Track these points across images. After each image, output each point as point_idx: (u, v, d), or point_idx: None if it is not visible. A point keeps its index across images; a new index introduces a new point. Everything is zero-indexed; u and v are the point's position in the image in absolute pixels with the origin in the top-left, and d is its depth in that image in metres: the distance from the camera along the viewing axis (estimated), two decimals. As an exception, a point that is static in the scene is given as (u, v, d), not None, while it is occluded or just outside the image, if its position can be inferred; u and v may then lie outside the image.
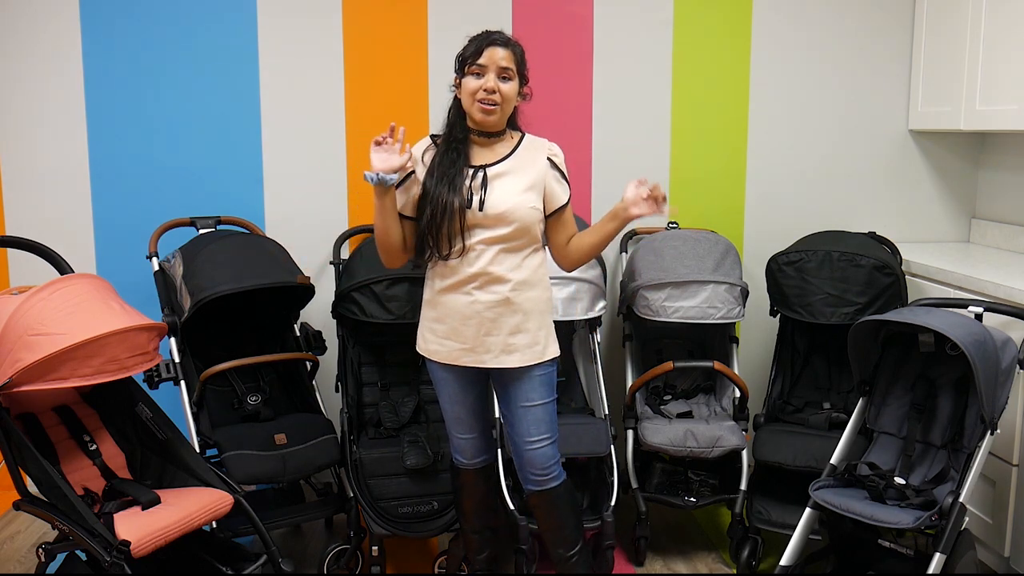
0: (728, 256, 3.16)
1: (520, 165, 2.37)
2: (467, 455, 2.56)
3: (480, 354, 2.38)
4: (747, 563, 2.89)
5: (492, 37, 2.32)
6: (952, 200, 3.76)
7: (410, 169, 2.38)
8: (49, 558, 2.37)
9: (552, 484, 2.45)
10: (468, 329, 2.36)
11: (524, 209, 2.32)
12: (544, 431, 2.41)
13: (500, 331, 2.35)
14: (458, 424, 2.52)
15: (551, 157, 2.40)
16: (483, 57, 2.29)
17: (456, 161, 2.34)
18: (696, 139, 3.61)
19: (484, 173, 2.34)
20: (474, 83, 2.30)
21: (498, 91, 2.29)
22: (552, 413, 2.44)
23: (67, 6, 3.30)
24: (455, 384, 2.47)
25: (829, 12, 3.59)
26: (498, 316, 2.34)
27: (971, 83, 3.25)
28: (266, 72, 3.41)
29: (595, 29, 3.52)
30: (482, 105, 2.30)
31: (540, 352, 2.39)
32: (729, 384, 3.17)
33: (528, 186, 2.35)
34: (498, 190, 2.32)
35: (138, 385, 2.62)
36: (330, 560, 2.86)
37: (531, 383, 2.39)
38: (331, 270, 3.31)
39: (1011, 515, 2.72)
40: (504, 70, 2.30)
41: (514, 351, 2.37)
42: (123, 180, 3.40)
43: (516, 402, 2.41)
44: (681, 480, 3.10)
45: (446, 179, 2.31)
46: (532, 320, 2.38)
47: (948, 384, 2.57)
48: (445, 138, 2.39)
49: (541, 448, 2.42)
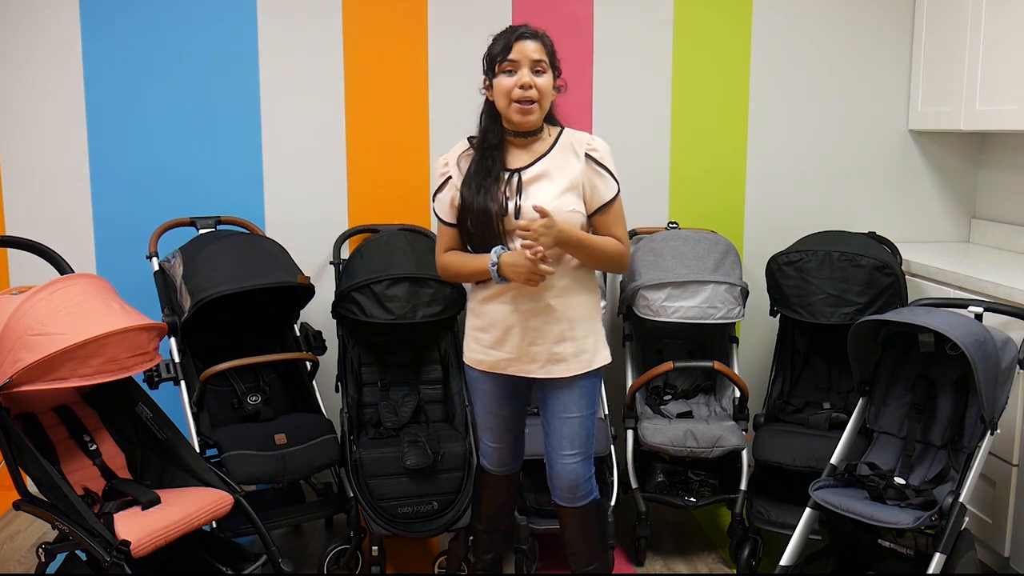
0: (728, 256, 3.16)
1: (556, 165, 2.25)
2: (493, 462, 2.50)
3: (525, 364, 2.28)
4: (747, 563, 2.89)
5: (520, 31, 2.21)
6: (952, 200, 3.76)
7: (448, 174, 2.30)
8: (49, 558, 2.37)
9: (581, 503, 2.36)
10: (512, 338, 2.27)
11: (563, 213, 2.19)
12: (577, 446, 2.31)
13: (545, 340, 2.25)
14: (489, 432, 2.45)
15: (590, 152, 2.25)
16: (513, 52, 2.18)
17: (492, 168, 2.23)
18: (696, 139, 3.61)
19: (519, 177, 2.23)
20: (508, 81, 2.19)
21: (534, 86, 2.18)
22: (589, 428, 2.33)
23: (67, 6, 3.30)
24: (494, 395, 2.38)
25: (829, 12, 3.59)
26: (542, 324, 2.24)
27: (971, 83, 3.25)
28: (266, 72, 3.41)
29: (595, 29, 3.52)
30: (519, 105, 2.19)
31: (588, 361, 2.29)
32: (729, 384, 3.17)
33: (566, 187, 2.22)
34: (534, 195, 2.21)
35: (138, 385, 2.62)
36: (330, 560, 2.86)
37: (572, 394, 2.30)
38: (331, 270, 3.31)
39: (1011, 515, 2.72)
40: (537, 63, 2.19)
41: (560, 360, 2.26)
42: (123, 180, 3.40)
43: (555, 412, 2.32)
44: (681, 480, 3.10)
45: (482, 187, 2.21)
46: (579, 327, 2.27)
47: (948, 384, 2.57)
48: (479, 144, 2.29)
49: (572, 464, 2.32)
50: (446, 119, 3.49)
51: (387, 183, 3.50)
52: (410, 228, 3.36)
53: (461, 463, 2.84)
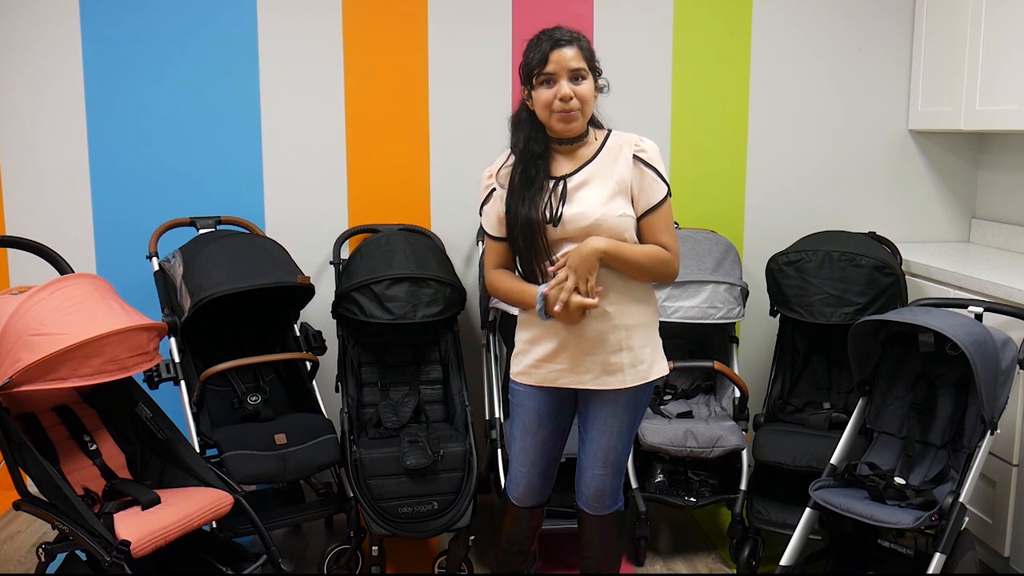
0: (728, 256, 3.16)
1: (603, 170, 2.15)
2: (519, 490, 2.34)
3: (579, 374, 2.17)
4: (747, 563, 2.89)
5: (555, 38, 2.11)
6: (952, 200, 3.76)
7: (492, 187, 2.22)
8: (49, 558, 2.37)
9: (605, 512, 2.30)
10: (567, 349, 2.16)
11: (613, 219, 2.10)
12: (611, 461, 2.23)
13: (601, 350, 2.14)
14: (522, 455, 2.30)
15: (637, 153, 2.16)
16: (550, 64, 2.09)
17: (536, 177, 2.14)
18: (696, 139, 3.61)
19: (564, 184, 2.14)
20: (547, 93, 2.09)
21: (575, 95, 2.09)
22: (627, 443, 2.25)
23: (67, 6, 3.30)
24: (536, 413, 2.25)
25: (829, 12, 3.59)
26: (598, 333, 2.13)
27: (971, 83, 3.25)
28: (266, 72, 3.41)
29: (595, 29, 3.52)
30: (560, 115, 2.10)
31: (645, 372, 2.18)
32: (729, 384, 3.17)
33: (614, 191, 2.13)
34: (580, 202, 2.12)
35: (138, 385, 2.62)
36: (330, 560, 2.87)
37: (618, 407, 2.20)
38: (331, 270, 3.31)
39: (1011, 515, 2.72)
40: (576, 71, 2.10)
41: (616, 371, 2.16)
42: (123, 180, 3.40)
43: (597, 422, 2.22)
44: (681, 480, 3.10)
45: (526, 197, 2.12)
46: (636, 336, 2.16)
47: (948, 384, 2.57)
48: (522, 154, 2.17)
49: (604, 477, 2.25)
50: (446, 119, 3.49)
51: (387, 183, 3.50)
52: (410, 228, 3.36)
53: (461, 463, 2.84)
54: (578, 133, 2.16)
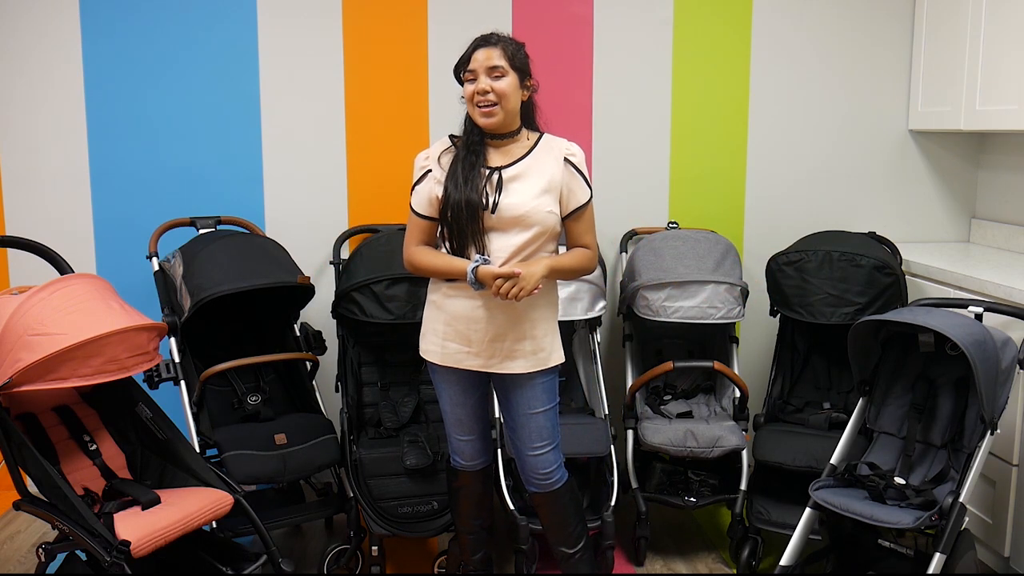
0: (728, 256, 3.16)
1: (535, 167, 2.33)
2: (466, 456, 2.54)
3: (485, 359, 2.35)
4: (747, 563, 2.89)
5: (478, 40, 2.32)
6: (952, 200, 3.76)
7: (428, 168, 2.38)
8: (49, 558, 2.37)
9: (555, 486, 2.46)
10: (475, 334, 2.34)
11: (541, 213, 2.29)
12: (546, 438, 2.41)
13: (507, 337, 2.33)
14: (458, 426, 2.50)
15: (568, 157, 2.36)
16: (471, 62, 2.30)
17: (475, 164, 2.32)
18: (696, 139, 3.61)
19: (499, 175, 2.31)
20: (469, 88, 2.31)
21: (492, 90, 2.27)
22: (554, 419, 2.43)
23: (67, 6, 3.30)
24: (456, 386, 2.45)
25: (829, 12, 3.59)
26: (506, 321, 2.32)
27: (971, 83, 3.25)
28: (266, 72, 3.41)
29: (595, 29, 3.52)
30: (480, 108, 2.29)
31: (545, 359, 2.37)
32: (729, 384, 3.17)
33: (544, 188, 2.31)
34: (513, 193, 2.29)
35: (138, 385, 2.62)
36: (330, 560, 2.87)
37: (533, 391, 2.38)
38: (331, 270, 3.31)
39: (1011, 515, 2.72)
40: (493, 69, 2.27)
41: (518, 357, 2.35)
42: (123, 180, 3.40)
43: (518, 409, 2.40)
44: (681, 480, 3.10)
45: (465, 181, 2.29)
46: (539, 326, 2.36)
47: (948, 384, 2.57)
48: (464, 142, 2.37)
49: (543, 454, 2.42)
50: (446, 119, 3.49)
51: (387, 183, 3.50)
52: (410, 228, 3.36)
53: (461, 463, 2.84)
54: (504, 129, 2.34)
